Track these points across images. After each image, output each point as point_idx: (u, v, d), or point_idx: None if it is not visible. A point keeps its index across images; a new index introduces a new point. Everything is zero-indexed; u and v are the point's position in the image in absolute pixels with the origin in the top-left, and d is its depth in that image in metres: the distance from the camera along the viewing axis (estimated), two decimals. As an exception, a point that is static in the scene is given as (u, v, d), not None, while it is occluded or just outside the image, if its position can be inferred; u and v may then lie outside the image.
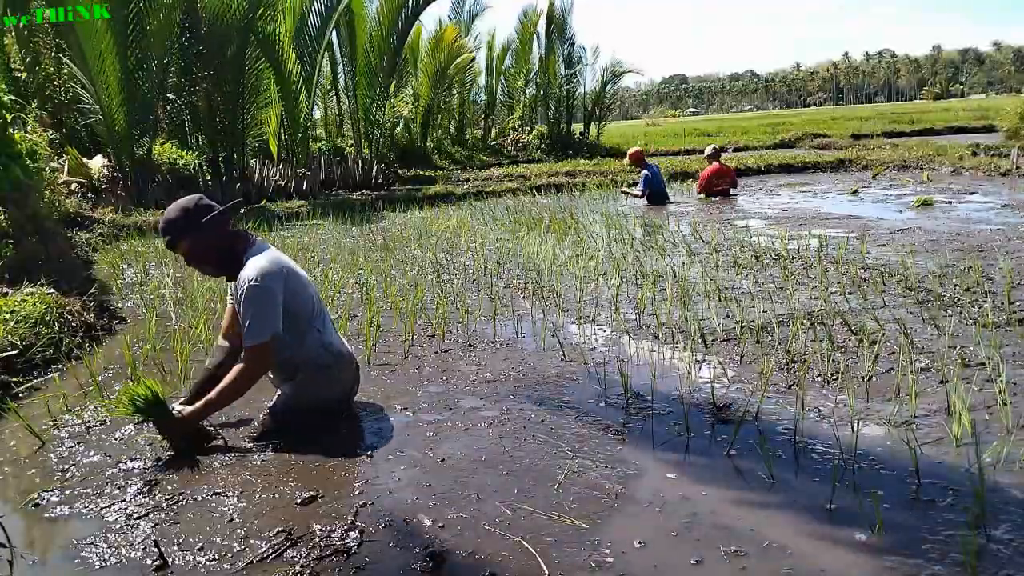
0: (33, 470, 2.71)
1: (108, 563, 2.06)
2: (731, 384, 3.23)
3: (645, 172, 10.46)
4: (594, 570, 1.93)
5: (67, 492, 2.50)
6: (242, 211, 10.72)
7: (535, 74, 21.96)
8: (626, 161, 11.42)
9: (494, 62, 22.24)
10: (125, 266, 6.94)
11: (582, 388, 3.29)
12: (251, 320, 2.72)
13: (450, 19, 20.22)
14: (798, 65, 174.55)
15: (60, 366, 3.85)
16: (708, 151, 11.27)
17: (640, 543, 2.04)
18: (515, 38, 21.58)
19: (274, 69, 12.12)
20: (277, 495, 2.41)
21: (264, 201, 11.70)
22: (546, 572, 1.92)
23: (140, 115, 10.58)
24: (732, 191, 10.82)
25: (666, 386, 3.24)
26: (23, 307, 4.19)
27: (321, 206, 11.07)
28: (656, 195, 10.34)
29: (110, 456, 2.78)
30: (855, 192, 10.28)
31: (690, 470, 2.48)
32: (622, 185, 12.48)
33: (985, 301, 4.19)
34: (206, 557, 2.06)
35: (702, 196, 10.68)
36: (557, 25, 21.13)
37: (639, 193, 10.44)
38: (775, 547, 1.99)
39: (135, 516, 2.31)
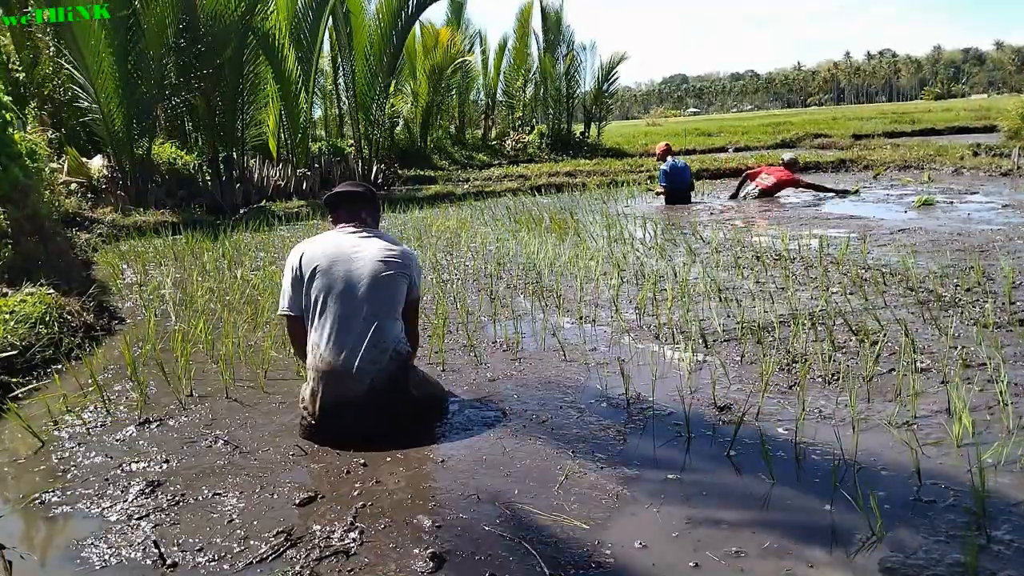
0: (33, 471, 2.71)
1: (108, 563, 2.06)
2: (732, 384, 3.23)
3: (663, 167, 10.11)
4: (594, 571, 1.92)
5: (67, 493, 2.50)
6: (242, 211, 10.73)
7: (534, 74, 21.95)
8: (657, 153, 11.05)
9: (491, 62, 22.23)
10: (124, 266, 6.94)
11: (582, 388, 3.29)
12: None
13: (447, 17, 20.20)
14: (799, 65, 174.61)
15: (60, 366, 3.85)
16: (786, 158, 10.64)
17: (641, 544, 2.04)
18: (512, 37, 21.59)
19: (273, 68, 12.12)
20: (277, 496, 2.41)
21: (264, 201, 11.70)
22: (546, 573, 1.91)
23: (139, 115, 10.57)
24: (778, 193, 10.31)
25: (667, 386, 3.24)
26: (23, 307, 4.19)
27: (321, 206, 11.06)
28: (674, 193, 9.95)
29: (110, 457, 2.77)
30: (856, 192, 10.24)
31: (691, 471, 2.47)
32: (623, 186, 12.45)
33: (986, 301, 4.18)
34: (206, 558, 2.06)
35: (755, 192, 10.15)
36: (552, 24, 21.09)
37: (660, 189, 10.22)
38: (775, 548, 1.99)
39: (135, 517, 2.31)
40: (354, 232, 2.96)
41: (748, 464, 2.48)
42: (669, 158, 10.28)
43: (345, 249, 2.88)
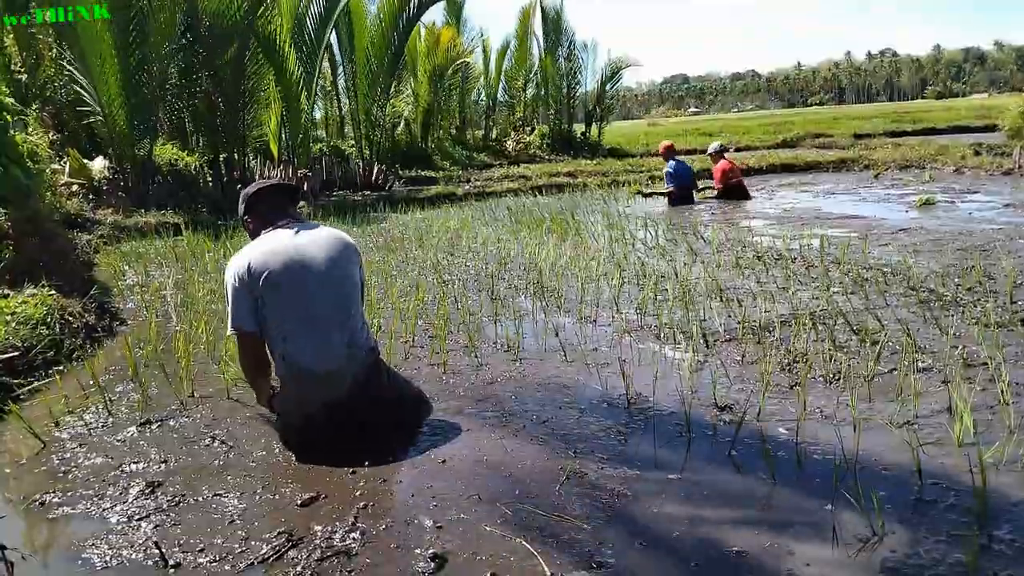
0: (34, 471, 2.71)
1: (109, 564, 2.06)
2: (733, 384, 3.23)
3: (667, 168, 9.93)
4: (595, 570, 1.92)
5: (68, 494, 2.50)
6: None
7: (535, 74, 21.94)
8: (660, 150, 10.81)
9: (492, 62, 22.23)
10: (126, 267, 6.94)
11: (583, 388, 3.29)
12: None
13: (446, 19, 20.19)
14: (800, 65, 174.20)
15: (61, 367, 3.86)
16: (714, 147, 10.44)
17: (642, 544, 2.04)
18: (513, 38, 21.59)
19: (275, 69, 12.12)
20: (278, 496, 2.41)
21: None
22: (547, 572, 1.92)
23: (141, 116, 10.58)
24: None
25: (668, 386, 3.23)
26: (24, 309, 4.20)
27: (322, 207, 11.07)
28: (679, 192, 9.81)
29: (111, 458, 2.78)
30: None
31: (692, 471, 2.47)
32: (624, 186, 12.41)
33: (987, 301, 4.18)
34: (207, 558, 2.06)
35: (720, 200, 10.01)
36: (553, 24, 21.06)
37: (666, 191, 10.00)
38: (776, 547, 1.99)
39: (136, 517, 2.31)
40: (292, 230, 2.79)
41: (749, 464, 2.48)
42: (673, 157, 10.15)
43: (295, 251, 2.71)
